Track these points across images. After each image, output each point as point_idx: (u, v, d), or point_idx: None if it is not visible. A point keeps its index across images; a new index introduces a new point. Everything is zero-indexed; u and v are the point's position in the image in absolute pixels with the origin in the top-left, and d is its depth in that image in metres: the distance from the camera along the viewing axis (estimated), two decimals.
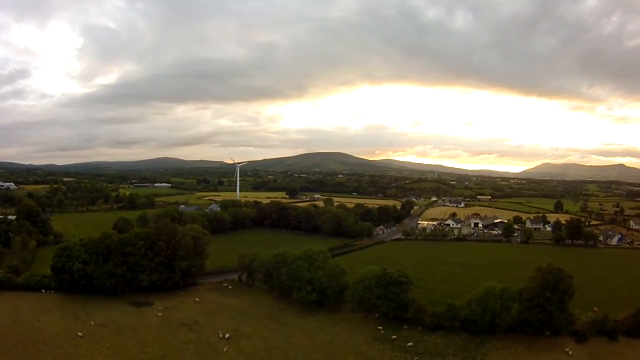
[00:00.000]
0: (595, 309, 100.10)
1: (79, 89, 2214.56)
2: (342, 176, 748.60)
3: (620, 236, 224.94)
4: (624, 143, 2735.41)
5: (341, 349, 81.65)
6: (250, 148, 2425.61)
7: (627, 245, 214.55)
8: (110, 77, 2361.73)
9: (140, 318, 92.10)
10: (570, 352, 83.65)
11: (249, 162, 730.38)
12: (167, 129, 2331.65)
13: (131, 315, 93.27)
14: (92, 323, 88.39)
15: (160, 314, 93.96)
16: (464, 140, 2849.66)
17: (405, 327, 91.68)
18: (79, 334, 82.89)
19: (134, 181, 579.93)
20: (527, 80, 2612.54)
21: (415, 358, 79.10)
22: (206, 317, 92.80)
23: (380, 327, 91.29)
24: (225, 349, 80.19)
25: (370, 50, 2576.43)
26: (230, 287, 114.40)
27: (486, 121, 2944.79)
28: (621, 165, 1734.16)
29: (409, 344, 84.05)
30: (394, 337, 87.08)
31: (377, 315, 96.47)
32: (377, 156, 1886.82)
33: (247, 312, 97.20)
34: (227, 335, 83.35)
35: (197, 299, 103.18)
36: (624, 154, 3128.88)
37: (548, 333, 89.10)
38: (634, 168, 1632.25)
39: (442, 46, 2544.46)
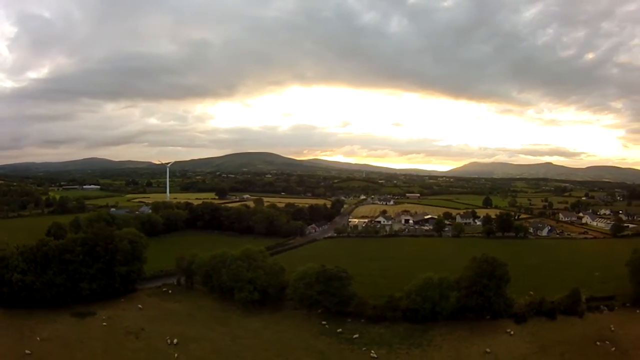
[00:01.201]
0: (531, 292, 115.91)
1: (9, 83, 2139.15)
2: (270, 176, 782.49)
3: (550, 228, 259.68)
4: (551, 143, 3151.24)
5: (290, 346, 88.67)
6: (179, 148, 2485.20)
7: (558, 235, 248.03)
8: (41, 70, 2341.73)
9: (86, 329, 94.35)
10: (512, 333, 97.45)
11: (177, 162, 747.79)
12: (96, 128, 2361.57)
13: (76, 327, 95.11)
14: (38, 339, 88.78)
15: (104, 323, 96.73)
16: (392, 140, 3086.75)
17: (349, 320, 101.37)
18: (27, 351, 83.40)
19: (63, 183, 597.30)
20: (458, 84, 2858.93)
21: (364, 348, 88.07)
22: (151, 323, 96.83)
23: (324, 322, 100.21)
24: (176, 354, 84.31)
25: (303, 51, 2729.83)
26: (170, 291, 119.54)
27: (415, 122, 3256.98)
28: (549, 164, 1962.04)
29: (355, 335, 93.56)
30: (339, 330, 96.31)
31: (319, 310, 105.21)
32: (305, 156, 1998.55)
33: (191, 316, 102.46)
34: (175, 341, 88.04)
35: (139, 306, 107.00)
36: (552, 153, 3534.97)
37: (488, 317, 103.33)
38: (561, 166, 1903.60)
39: (375, 49, 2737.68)
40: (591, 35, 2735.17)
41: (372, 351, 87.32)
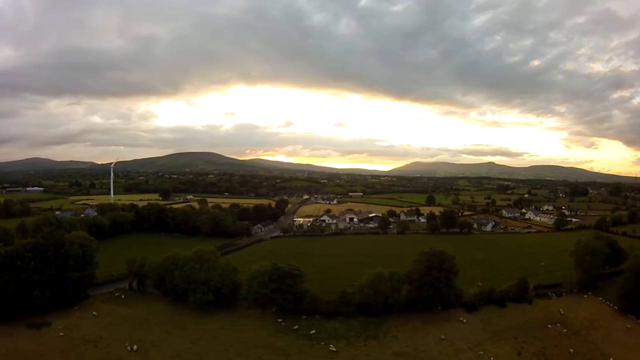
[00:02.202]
0: (480, 283, 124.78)
1: None
2: (213, 176, 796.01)
3: (494, 223, 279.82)
4: (494, 144, 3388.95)
5: (249, 345, 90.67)
6: (121, 148, 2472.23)
7: (502, 230, 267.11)
8: None
9: (43, 341, 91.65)
10: (464, 321, 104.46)
11: (120, 162, 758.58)
12: (39, 126, 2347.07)
13: (33, 340, 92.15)
14: None
15: (62, 333, 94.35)
16: (334, 140, 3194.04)
17: (304, 317, 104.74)
18: None
19: (5, 185, 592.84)
20: (402, 86, 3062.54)
21: (322, 343, 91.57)
22: (108, 330, 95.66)
23: (280, 320, 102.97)
24: None
25: (250, 50, 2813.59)
26: (123, 296, 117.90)
27: (358, 123, 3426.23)
28: (491, 163, 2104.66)
29: (312, 331, 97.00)
30: (295, 327, 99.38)
31: (274, 309, 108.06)
32: (248, 156, 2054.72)
33: (147, 321, 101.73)
34: (135, 347, 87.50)
35: (94, 313, 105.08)
36: (495, 153, 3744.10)
37: (440, 307, 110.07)
38: (503, 165, 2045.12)
39: (322, 50, 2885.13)
40: (538, 44, 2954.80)
41: (331, 345, 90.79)
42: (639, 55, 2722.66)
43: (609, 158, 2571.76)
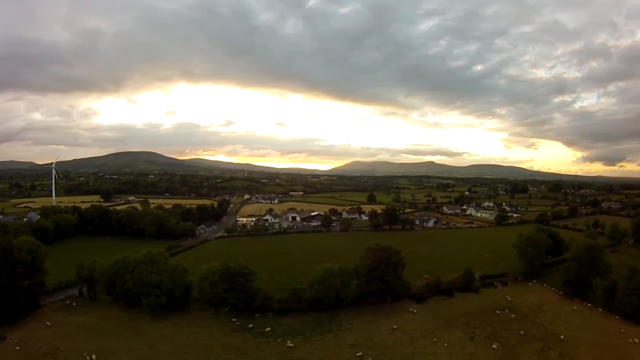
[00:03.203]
0: (426, 276, 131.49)
1: None
2: (153, 176, 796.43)
3: (436, 219, 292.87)
4: (434, 144, 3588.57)
5: (207, 346, 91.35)
6: (62, 147, 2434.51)
7: (444, 226, 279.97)
8: None
9: (1, 357, 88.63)
10: (415, 311, 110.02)
11: (60, 162, 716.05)
12: None
13: None
14: None
15: (18, 347, 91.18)
16: (275, 140, 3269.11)
17: (257, 315, 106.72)
18: None
19: None
20: (344, 87, 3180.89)
21: (279, 340, 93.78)
22: (64, 341, 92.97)
23: (234, 320, 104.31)
24: None
25: (194, 47, 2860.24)
26: (74, 303, 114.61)
27: (298, 122, 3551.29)
28: (431, 163, 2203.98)
29: (267, 329, 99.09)
30: (250, 326, 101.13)
31: (226, 309, 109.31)
32: (188, 155, 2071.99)
33: (102, 328, 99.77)
34: (93, 357, 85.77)
35: (48, 323, 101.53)
36: (434, 153, 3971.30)
37: (389, 300, 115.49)
38: (443, 164, 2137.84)
39: (267, 49, 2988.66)
40: (483, 50, 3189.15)
41: (288, 341, 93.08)
42: (582, 63, 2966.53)
43: (549, 158, 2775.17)
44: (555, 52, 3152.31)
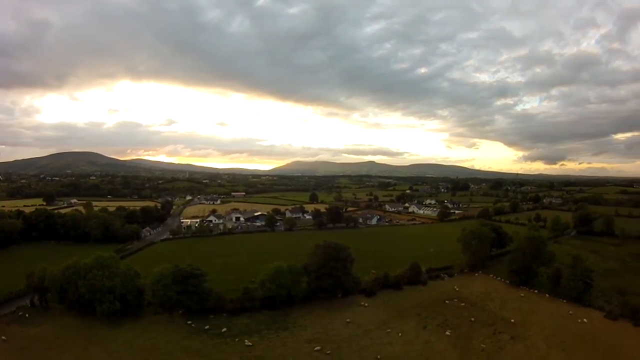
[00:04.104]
0: (374, 271, 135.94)
1: None
2: (95, 178, 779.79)
3: (379, 217, 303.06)
4: (375, 144, 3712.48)
5: (166, 350, 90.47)
6: (2, 147, 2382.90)
7: (387, 223, 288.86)
8: None
9: None
10: (366, 305, 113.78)
11: (1, 163, 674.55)
12: None
13: None
14: None
15: None
16: (216, 139, 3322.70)
17: (211, 316, 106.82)
18: None
19: None
20: (287, 87, 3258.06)
21: (237, 339, 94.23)
22: (22, 355, 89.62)
23: (189, 322, 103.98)
24: None
25: (140, 43, 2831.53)
26: (27, 315, 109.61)
27: (240, 122, 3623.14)
28: (372, 162, 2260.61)
29: (223, 329, 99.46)
30: (206, 327, 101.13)
31: (180, 311, 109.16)
32: (129, 156, 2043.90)
33: (59, 339, 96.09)
34: None
35: (3, 337, 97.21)
36: (375, 152, 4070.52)
37: (340, 295, 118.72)
38: (384, 164, 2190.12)
39: (213, 47, 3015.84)
40: (428, 53, 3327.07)
41: (246, 340, 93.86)
42: (526, 69, 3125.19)
43: (490, 157, 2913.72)
44: (499, 57, 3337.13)
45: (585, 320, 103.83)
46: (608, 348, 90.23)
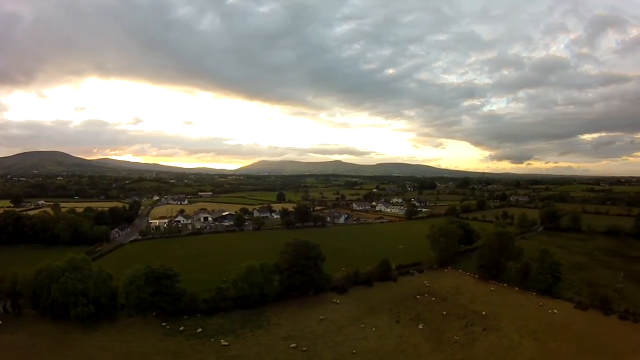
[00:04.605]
0: (343, 269, 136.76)
1: None
2: (61, 178, 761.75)
3: (346, 216, 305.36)
4: (341, 143, 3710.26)
5: (144, 353, 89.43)
6: None
7: (355, 222, 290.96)
8: None
9: None
10: (338, 301, 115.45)
11: None
12: None
13: None
14: None
15: None
16: (182, 138, 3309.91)
17: (185, 317, 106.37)
18: None
19: None
20: (255, 87, 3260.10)
21: (212, 340, 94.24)
22: None
23: (164, 324, 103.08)
24: None
25: (109, 39, 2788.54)
26: (0, 322, 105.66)
27: (207, 121, 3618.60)
28: (338, 162, 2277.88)
29: (199, 330, 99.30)
30: (181, 328, 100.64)
31: (154, 313, 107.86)
32: (95, 155, 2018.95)
33: (35, 346, 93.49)
34: None
35: None
36: (342, 152, 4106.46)
37: (312, 293, 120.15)
38: (350, 163, 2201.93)
39: (182, 45, 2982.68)
40: (396, 55, 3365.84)
41: (222, 340, 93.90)
42: (494, 71, 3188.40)
43: (457, 156, 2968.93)
44: (468, 60, 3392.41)
45: (555, 311, 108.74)
46: (579, 336, 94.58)
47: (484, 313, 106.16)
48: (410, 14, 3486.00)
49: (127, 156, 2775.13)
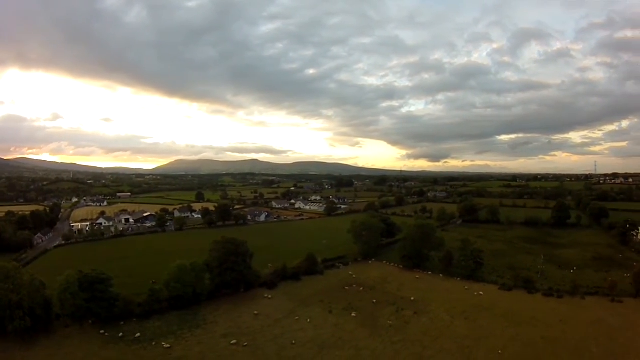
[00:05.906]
0: (270, 265, 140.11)
1: None
2: None
3: (267, 214, 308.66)
4: (259, 142, 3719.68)
5: None
6: None
7: (275, 220, 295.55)
8: None
9: None
10: (270, 297, 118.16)
11: None
12: None
13: None
14: None
15: None
16: (100, 136, 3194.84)
17: (122, 323, 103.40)
18: None
19: None
20: (175, 83, 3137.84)
21: (153, 343, 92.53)
22: None
23: (102, 331, 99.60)
24: None
25: (34, 28, 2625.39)
26: None
27: (125, 118, 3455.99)
28: (255, 160, 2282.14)
29: (137, 335, 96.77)
30: (120, 334, 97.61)
31: (90, 321, 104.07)
32: (13, 155, 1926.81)
33: None
34: None
35: None
36: (259, 151, 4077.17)
37: (243, 290, 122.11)
38: (267, 162, 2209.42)
39: (105, 37, 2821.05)
40: (319, 55, 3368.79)
41: (163, 343, 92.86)
42: (414, 75, 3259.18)
43: (374, 155, 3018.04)
44: (389, 63, 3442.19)
45: (481, 293, 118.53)
46: (507, 313, 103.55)
47: (412, 299, 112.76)
48: (336, 17, 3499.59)
49: (44, 155, 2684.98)
